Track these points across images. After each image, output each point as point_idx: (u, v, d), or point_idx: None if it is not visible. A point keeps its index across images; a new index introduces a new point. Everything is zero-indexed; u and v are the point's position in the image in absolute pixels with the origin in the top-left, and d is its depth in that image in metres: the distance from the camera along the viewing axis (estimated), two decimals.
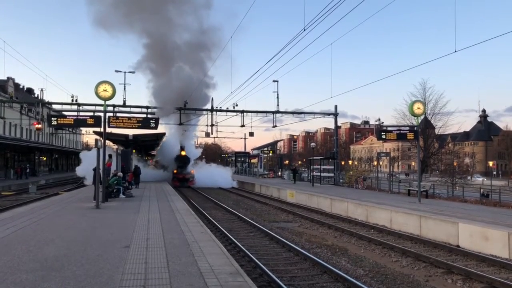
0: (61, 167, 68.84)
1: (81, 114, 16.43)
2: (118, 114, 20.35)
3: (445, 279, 8.86)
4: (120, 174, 19.24)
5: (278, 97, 34.72)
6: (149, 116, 27.92)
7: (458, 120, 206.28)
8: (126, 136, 29.85)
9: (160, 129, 28.72)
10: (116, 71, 33.70)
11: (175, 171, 36.44)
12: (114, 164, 21.24)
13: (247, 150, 69.54)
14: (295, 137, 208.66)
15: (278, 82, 34.11)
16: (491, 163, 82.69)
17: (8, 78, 55.51)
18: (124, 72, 33.14)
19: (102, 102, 14.58)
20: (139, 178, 25.70)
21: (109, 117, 14.95)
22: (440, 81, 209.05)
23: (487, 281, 8.43)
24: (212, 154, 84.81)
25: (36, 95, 58.64)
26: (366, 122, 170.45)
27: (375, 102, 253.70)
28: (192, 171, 37.10)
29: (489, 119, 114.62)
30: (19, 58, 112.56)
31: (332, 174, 32.91)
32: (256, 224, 15.32)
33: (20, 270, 6.02)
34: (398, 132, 19.11)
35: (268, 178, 43.89)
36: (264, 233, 13.69)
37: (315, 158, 35.34)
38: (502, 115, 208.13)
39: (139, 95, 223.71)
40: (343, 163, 67.48)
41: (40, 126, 36.99)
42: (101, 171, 14.98)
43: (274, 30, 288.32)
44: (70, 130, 71.79)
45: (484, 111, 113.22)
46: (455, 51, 15.46)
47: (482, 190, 26.63)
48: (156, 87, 37.32)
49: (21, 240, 8.32)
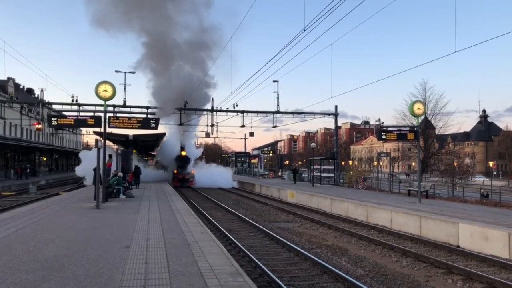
0: (61, 167, 68.88)
1: (81, 114, 16.41)
2: (118, 114, 20.28)
3: (445, 279, 8.86)
4: (120, 174, 19.26)
5: (278, 97, 34.80)
6: (149, 116, 27.89)
7: (458, 120, 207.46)
8: (126, 136, 29.85)
9: (160, 129, 28.69)
10: (116, 71, 33.74)
11: (175, 171, 36.45)
12: (114, 164, 21.26)
13: (247, 150, 69.56)
14: (295, 137, 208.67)
15: (278, 82, 34.16)
16: (491, 164, 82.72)
17: (8, 78, 55.56)
18: (125, 72, 33.19)
19: (102, 102, 14.59)
20: (139, 178, 25.70)
21: (109, 117, 14.95)
22: (441, 81, 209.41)
23: (487, 281, 8.42)
24: (212, 154, 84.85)
25: (36, 95, 58.70)
26: (366, 122, 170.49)
27: (375, 102, 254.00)
28: (192, 171, 37.09)
29: (489, 119, 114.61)
30: (19, 58, 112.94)
31: (332, 174, 32.91)
32: (256, 224, 15.32)
33: (20, 270, 6.03)
34: (398, 132, 19.12)
35: (268, 178, 43.88)
36: (264, 233, 13.69)
37: (315, 158, 35.36)
38: (502, 115, 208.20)
39: (139, 95, 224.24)
40: (343, 163, 67.49)
41: (40, 126, 37.02)
42: (101, 171, 14.99)
43: (274, 30, 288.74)
44: (70, 130, 71.90)
45: (484, 111, 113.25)
46: (455, 52, 15.48)
47: (482, 190, 26.63)
48: (156, 87, 37.31)
49: (21, 240, 8.33)
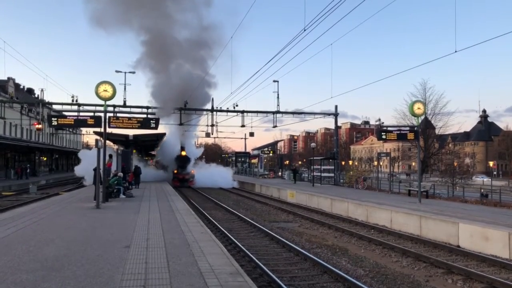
0: (61, 167, 68.92)
1: (81, 114, 16.43)
2: (119, 114, 20.30)
3: (445, 279, 8.86)
4: (120, 174, 19.27)
5: (278, 97, 34.81)
6: (149, 116, 27.94)
7: (458, 120, 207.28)
8: (127, 136, 29.87)
9: (160, 129, 28.68)
10: (117, 71, 33.72)
11: (175, 171, 36.45)
12: (114, 164, 21.27)
13: (248, 150, 69.56)
14: (296, 137, 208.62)
15: (278, 82, 34.17)
16: (491, 163, 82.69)
17: (9, 78, 55.59)
18: (125, 72, 33.19)
19: (103, 102, 14.58)
20: (140, 178, 25.71)
21: (109, 117, 14.95)
22: (441, 81, 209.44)
23: (487, 281, 8.42)
24: (213, 154, 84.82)
25: (36, 95, 58.74)
26: (366, 122, 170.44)
27: (376, 102, 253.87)
28: (192, 171, 37.08)
29: (489, 119, 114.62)
30: (19, 58, 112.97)
31: (332, 174, 32.91)
32: (256, 224, 15.33)
33: (20, 270, 6.03)
34: (399, 132, 19.11)
35: (268, 178, 43.88)
36: (264, 233, 13.69)
37: (315, 158, 35.36)
38: (503, 115, 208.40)
39: (139, 95, 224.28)
40: (343, 163, 67.50)
41: (40, 126, 37.05)
42: (101, 171, 14.99)
43: (274, 30, 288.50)
44: (71, 130, 71.90)
45: (484, 111, 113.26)
46: (456, 51, 15.49)
47: (482, 190, 26.63)
48: (156, 86, 37.30)
49: (21, 240, 8.33)
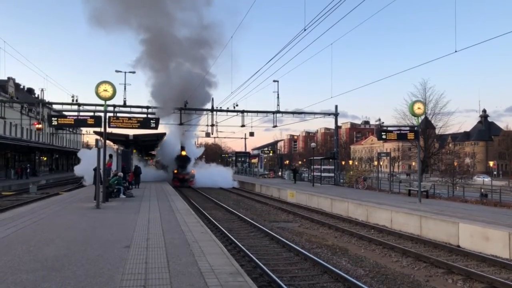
0: (61, 167, 68.91)
1: (81, 114, 16.43)
2: (119, 114, 20.33)
3: (445, 279, 8.86)
4: (120, 174, 19.28)
5: (278, 97, 34.82)
6: (149, 116, 27.95)
7: (458, 120, 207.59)
8: (127, 136, 29.88)
9: (161, 129, 28.68)
10: (117, 71, 33.75)
11: (176, 171, 36.44)
12: (115, 164, 21.27)
13: (248, 150, 69.61)
14: (296, 137, 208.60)
15: (278, 82, 34.18)
16: (491, 163, 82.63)
17: (9, 78, 55.59)
18: (125, 72, 33.20)
19: (103, 102, 14.59)
20: (140, 178, 25.71)
21: (109, 117, 14.95)
22: (441, 81, 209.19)
23: (487, 281, 8.42)
24: (213, 154, 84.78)
25: (36, 95, 58.76)
26: (367, 122, 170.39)
27: (376, 102, 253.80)
28: (192, 171, 37.06)
29: (489, 119, 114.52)
30: (20, 58, 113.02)
31: (332, 174, 32.89)
32: (256, 224, 15.32)
33: (20, 270, 6.02)
34: (399, 132, 19.10)
35: (269, 178, 43.88)
36: (265, 233, 13.69)
37: (315, 158, 35.34)
38: (503, 115, 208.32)
39: (139, 95, 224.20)
40: (343, 163, 67.49)
41: (40, 126, 37.04)
42: (101, 171, 14.99)
43: (275, 30, 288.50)
44: (71, 130, 71.90)
45: (484, 111, 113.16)
46: (456, 51, 15.50)
47: (482, 190, 26.62)
48: (156, 85, 37.29)
49: (21, 240, 8.33)
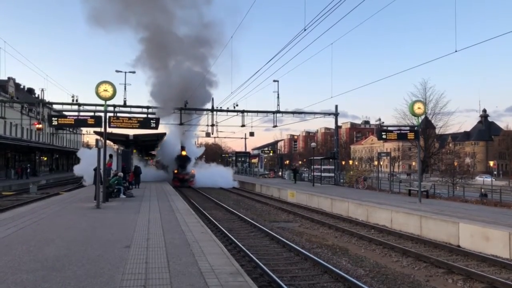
0: (61, 167, 68.92)
1: (81, 114, 16.45)
2: (119, 114, 20.38)
3: (445, 279, 8.86)
4: (120, 174, 19.27)
5: (278, 97, 34.83)
6: (149, 116, 28.01)
7: (458, 120, 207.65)
8: (127, 136, 29.91)
9: (161, 129, 28.70)
10: (117, 71, 33.78)
11: (176, 171, 36.44)
12: (115, 164, 21.26)
13: (248, 150, 69.60)
14: (296, 137, 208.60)
15: (278, 82, 34.19)
16: (491, 163, 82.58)
17: (9, 78, 55.59)
18: (125, 72, 33.22)
19: (103, 102, 14.59)
20: (140, 178, 25.71)
21: (109, 117, 14.96)
22: (441, 81, 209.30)
23: (487, 281, 8.42)
24: (213, 154, 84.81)
25: (36, 95, 58.73)
26: (367, 122, 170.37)
27: (376, 102, 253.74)
28: (192, 171, 37.06)
29: (489, 119, 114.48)
30: (20, 58, 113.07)
31: (332, 174, 32.89)
32: (256, 224, 15.32)
33: (20, 270, 6.02)
34: (399, 132, 19.08)
35: (269, 178, 43.88)
36: (265, 233, 13.69)
37: (315, 158, 35.33)
38: (503, 115, 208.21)
39: (139, 95, 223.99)
40: (343, 163, 67.50)
41: (40, 126, 37.08)
42: (101, 171, 14.99)
43: (275, 30, 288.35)
44: (71, 130, 71.90)
45: (484, 111, 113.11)
46: (456, 51, 15.53)
47: (482, 190, 26.63)
48: (156, 84, 37.29)
49: (21, 240, 8.33)
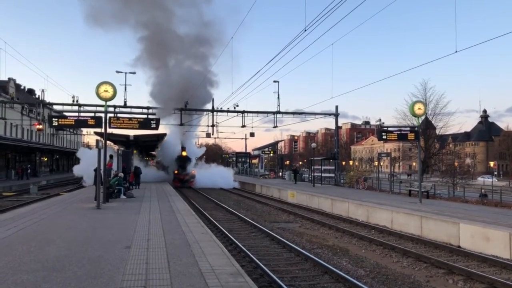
0: (62, 167, 68.95)
1: (82, 114, 16.46)
2: (119, 115, 20.40)
3: (446, 280, 8.86)
4: (121, 174, 19.27)
5: (278, 97, 34.79)
6: (149, 116, 28.03)
7: (459, 120, 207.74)
8: (127, 136, 29.93)
9: (161, 129, 28.67)
10: (117, 72, 33.75)
11: (176, 171, 36.45)
12: (115, 165, 21.26)
13: (248, 151, 69.58)
14: (296, 137, 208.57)
15: (279, 82, 34.14)
16: (492, 164, 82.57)
17: (9, 79, 55.61)
18: (125, 73, 33.21)
19: (103, 103, 14.60)
20: (140, 179, 25.71)
21: (110, 117, 14.97)
22: (441, 81, 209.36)
23: (488, 281, 8.42)
24: (213, 154, 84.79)
25: (37, 96, 58.75)
26: (367, 123, 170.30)
27: (376, 102, 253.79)
28: (193, 171, 37.07)
29: (490, 120, 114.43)
30: (20, 58, 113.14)
31: (333, 175, 32.89)
32: (257, 224, 15.32)
33: (21, 270, 6.03)
34: (399, 132, 19.09)
35: (269, 179, 43.88)
36: (265, 233, 13.68)
37: (316, 158, 35.35)
38: (503, 116, 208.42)
39: (140, 95, 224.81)
40: (344, 163, 67.51)
41: (41, 126, 37.02)
42: (102, 172, 14.99)
43: (275, 31, 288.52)
44: (71, 130, 71.96)
45: (485, 111, 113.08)
46: (456, 52, 15.41)
47: (483, 190, 26.62)
48: (156, 84, 37.26)
49: (22, 240, 8.33)
